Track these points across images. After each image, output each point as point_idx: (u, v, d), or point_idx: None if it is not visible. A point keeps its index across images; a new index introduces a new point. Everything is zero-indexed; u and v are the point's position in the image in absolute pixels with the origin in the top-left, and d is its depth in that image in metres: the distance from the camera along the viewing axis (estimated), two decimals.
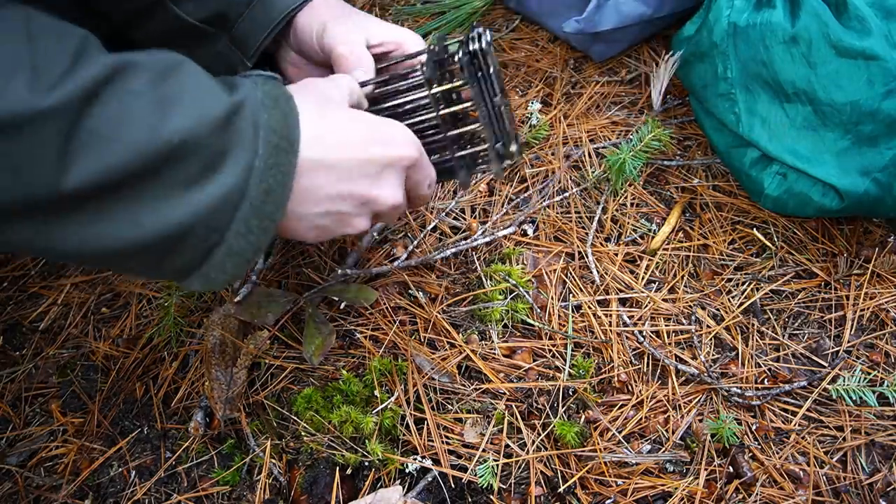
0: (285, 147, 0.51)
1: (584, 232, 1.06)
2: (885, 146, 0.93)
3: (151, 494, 0.88)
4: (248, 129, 0.49)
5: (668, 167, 1.15)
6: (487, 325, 0.96)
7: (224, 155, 0.47)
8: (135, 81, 0.45)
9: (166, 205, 0.46)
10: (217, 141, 0.47)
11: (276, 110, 0.51)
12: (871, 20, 0.92)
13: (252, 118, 0.49)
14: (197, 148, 0.46)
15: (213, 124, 0.47)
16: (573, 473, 0.85)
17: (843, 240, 1.06)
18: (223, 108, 0.48)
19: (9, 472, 0.90)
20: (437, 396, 0.91)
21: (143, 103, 0.44)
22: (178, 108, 0.46)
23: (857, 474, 0.86)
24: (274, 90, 0.53)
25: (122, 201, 0.45)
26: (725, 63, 1.01)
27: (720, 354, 0.96)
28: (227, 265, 0.51)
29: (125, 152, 0.43)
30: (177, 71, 0.48)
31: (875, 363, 0.94)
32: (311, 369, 0.94)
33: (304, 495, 0.85)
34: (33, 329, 1.02)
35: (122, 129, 0.43)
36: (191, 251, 0.49)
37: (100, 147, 0.43)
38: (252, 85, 0.52)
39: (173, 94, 0.46)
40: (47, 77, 0.41)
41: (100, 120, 0.43)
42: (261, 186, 0.49)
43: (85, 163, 0.42)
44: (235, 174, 0.48)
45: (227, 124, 0.48)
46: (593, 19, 1.17)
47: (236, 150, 0.48)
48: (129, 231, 0.46)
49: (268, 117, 0.50)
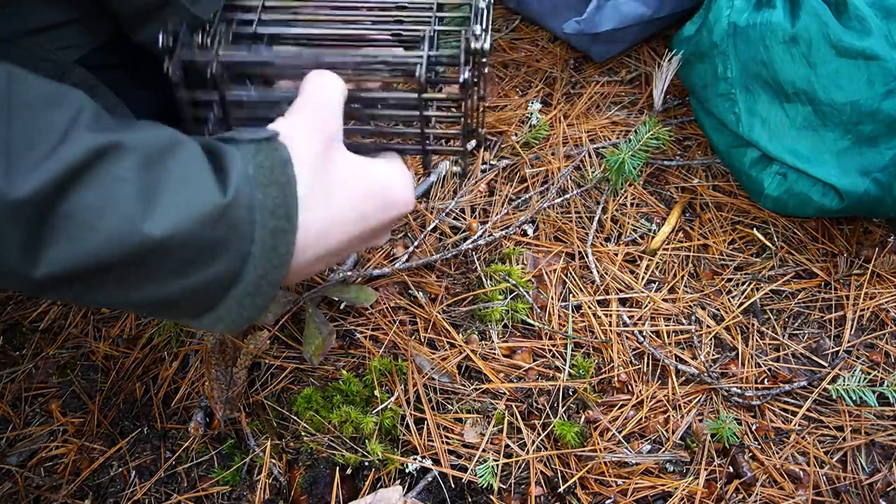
0: (284, 227, 0.48)
1: (584, 232, 1.06)
2: (885, 146, 0.93)
3: (151, 494, 0.88)
4: (242, 219, 0.45)
5: (668, 167, 1.15)
6: (487, 325, 0.96)
7: (215, 248, 0.45)
8: (121, 166, 0.42)
9: (151, 288, 0.44)
10: (208, 235, 0.44)
11: (272, 187, 0.47)
12: (871, 20, 0.92)
13: (247, 205, 0.45)
14: (184, 243, 0.43)
15: (203, 220, 0.43)
16: (573, 473, 0.85)
17: (843, 240, 1.06)
18: (215, 204, 0.44)
19: (9, 472, 0.90)
20: (437, 396, 0.91)
21: (127, 191, 0.41)
22: (165, 201, 0.42)
23: (857, 474, 0.86)
24: (268, 159, 0.48)
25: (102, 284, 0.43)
26: (725, 63, 1.01)
27: (720, 354, 0.96)
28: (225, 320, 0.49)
29: (103, 243, 0.41)
30: (169, 156, 0.45)
31: (875, 363, 0.94)
32: (311, 369, 0.94)
33: (304, 495, 0.85)
34: (33, 329, 1.02)
35: (102, 217, 0.40)
36: (182, 315, 0.49)
37: (76, 235, 0.40)
38: (243, 160, 0.47)
39: (161, 184, 0.43)
40: (22, 162, 0.38)
41: (79, 205, 0.40)
42: (257, 273, 0.47)
43: (58, 252, 0.40)
44: (228, 264, 0.45)
45: (219, 220, 0.44)
46: (593, 20, 1.17)
47: (229, 243, 0.45)
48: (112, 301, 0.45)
49: (263, 197, 0.46)
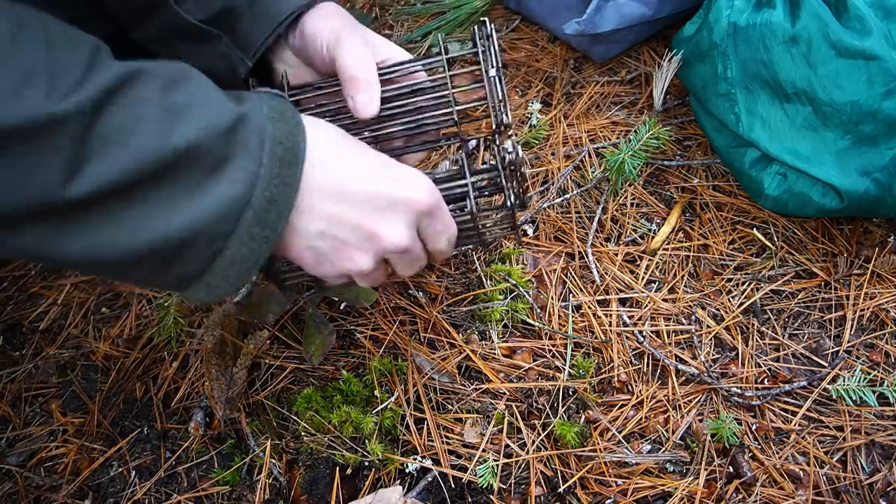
0: (290, 160, 0.51)
1: (584, 232, 1.06)
2: (885, 146, 0.93)
3: (151, 494, 0.88)
4: (253, 138, 0.50)
5: (668, 167, 1.15)
6: (487, 325, 0.96)
7: (229, 162, 0.48)
8: (145, 89, 0.46)
9: (172, 211, 0.47)
10: (223, 148, 0.48)
11: (281, 123, 0.52)
12: (871, 20, 0.92)
13: (258, 129, 0.50)
14: (203, 155, 0.47)
15: (220, 132, 0.48)
16: (573, 473, 0.85)
17: (843, 240, 1.06)
18: (229, 118, 0.49)
19: (9, 472, 0.90)
20: (437, 396, 0.91)
21: (152, 111, 0.45)
22: (186, 116, 0.47)
23: (857, 474, 0.86)
24: (280, 105, 0.53)
25: (129, 207, 0.46)
26: (725, 63, 1.01)
27: (720, 354, 0.96)
28: (229, 273, 0.52)
29: (133, 158, 0.44)
30: (185, 80, 0.49)
31: (875, 363, 0.94)
32: (311, 369, 0.94)
33: (304, 495, 0.85)
34: (33, 329, 1.02)
35: (131, 135, 0.44)
36: (195, 258, 0.50)
37: (109, 153, 0.44)
38: (258, 99, 0.53)
39: (181, 103, 0.47)
40: (62, 84, 0.42)
41: (110, 126, 0.44)
42: (265, 195, 0.50)
43: (94, 168, 0.43)
44: (240, 182, 0.49)
45: (233, 132, 0.49)
46: (593, 21, 1.17)
47: (241, 158, 0.49)
48: (135, 237, 0.47)
49: (273, 129, 0.51)
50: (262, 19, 0.71)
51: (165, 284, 0.52)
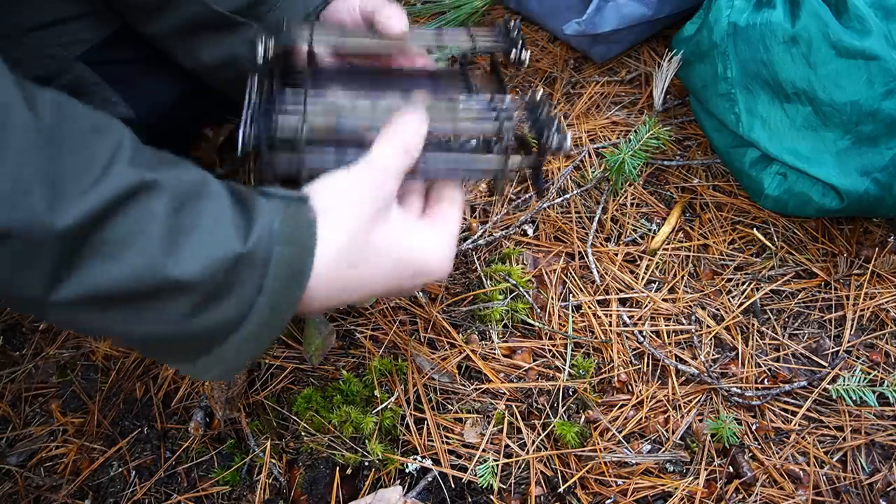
0: (293, 285, 0.50)
1: (584, 232, 1.06)
2: (885, 146, 0.93)
3: (151, 494, 0.88)
4: (256, 270, 0.47)
5: (668, 167, 1.15)
6: (487, 325, 0.96)
7: (227, 292, 0.47)
8: (154, 204, 0.44)
9: (156, 324, 0.46)
10: (220, 282, 0.46)
11: (290, 247, 0.49)
12: (871, 20, 0.92)
13: (264, 257, 0.47)
14: (199, 286, 0.45)
15: (222, 267, 0.46)
16: (573, 473, 0.85)
17: (843, 240, 1.06)
18: (234, 252, 0.46)
19: (9, 472, 0.90)
20: (437, 396, 0.91)
21: (155, 230, 0.43)
22: (188, 244, 0.45)
23: (857, 474, 0.86)
24: (294, 218, 0.49)
25: (113, 314, 0.45)
26: (725, 63, 1.01)
27: (720, 354, 0.96)
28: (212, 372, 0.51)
29: (123, 275, 0.43)
30: (198, 199, 0.47)
31: (875, 363, 0.94)
32: (311, 369, 0.94)
33: (304, 495, 0.85)
34: (33, 329, 1.02)
35: (127, 251, 0.43)
36: (179, 358, 0.51)
37: (101, 264, 0.42)
38: (272, 214, 0.49)
39: (187, 226, 0.45)
40: (68, 193, 0.40)
41: (109, 238, 0.42)
42: (259, 320, 0.49)
43: (82, 277, 0.42)
44: (236, 308, 0.47)
45: (236, 267, 0.46)
46: (594, 21, 1.17)
47: (240, 289, 0.47)
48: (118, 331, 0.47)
49: (281, 251, 0.48)
50: (294, 7, 0.71)
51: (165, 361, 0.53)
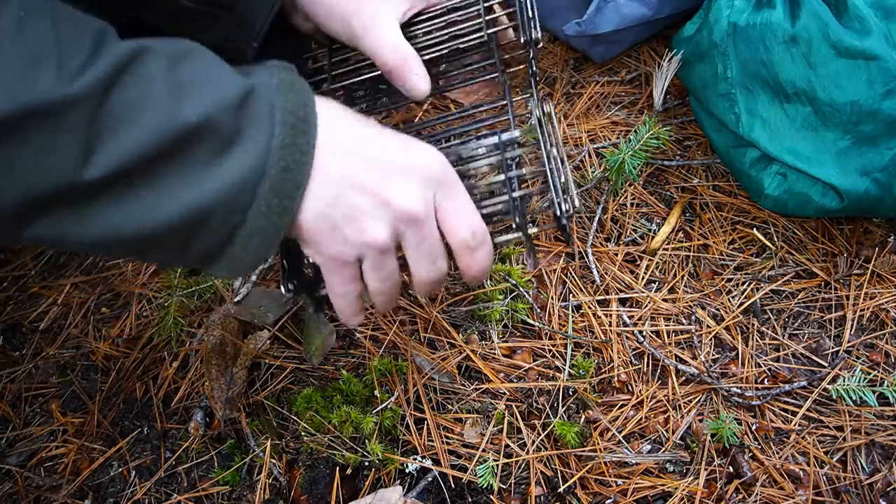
0: (302, 128, 0.51)
1: (584, 232, 1.06)
2: (885, 146, 0.93)
3: (151, 494, 0.88)
4: (263, 110, 0.50)
5: (668, 167, 1.15)
6: (487, 325, 0.96)
7: (241, 135, 0.49)
8: (152, 66, 0.46)
9: (188, 186, 0.47)
10: (234, 121, 0.48)
11: (291, 94, 0.52)
12: (871, 20, 0.92)
13: (267, 100, 0.50)
14: (214, 129, 0.47)
15: (229, 105, 0.48)
16: (573, 473, 0.85)
17: (843, 240, 1.06)
18: (238, 91, 0.49)
19: (9, 472, 0.90)
20: (437, 396, 0.91)
21: (160, 87, 0.46)
22: (194, 92, 0.47)
23: (857, 474, 0.86)
24: (290, 76, 0.54)
25: (144, 185, 0.46)
26: (725, 63, 1.01)
27: (720, 354, 0.96)
28: (250, 246, 0.51)
29: (146, 135, 0.44)
30: (191, 56, 0.49)
31: (875, 363, 0.94)
32: (311, 369, 0.94)
33: (304, 495, 0.85)
34: (33, 329, 1.02)
35: (141, 113, 0.44)
36: (215, 233, 0.50)
37: (122, 131, 0.44)
38: (267, 72, 0.53)
39: (189, 78, 0.47)
40: (72, 64, 0.42)
41: (121, 105, 0.44)
42: (279, 165, 0.50)
43: (108, 148, 0.43)
44: (254, 153, 0.49)
45: (243, 105, 0.49)
46: (594, 21, 1.17)
47: (253, 130, 0.49)
48: (152, 215, 0.47)
49: (283, 100, 0.51)
50: None
51: (187, 262, 0.52)
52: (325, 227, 0.56)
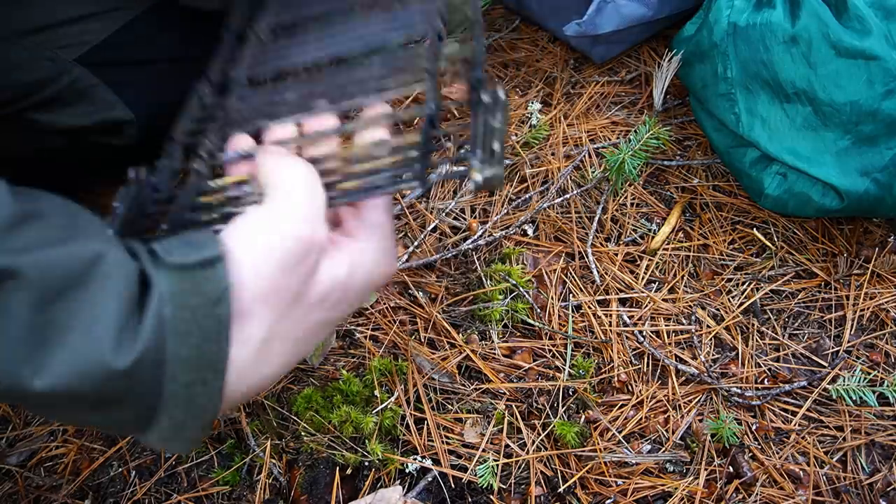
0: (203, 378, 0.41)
1: (584, 232, 1.06)
2: (885, 146, 0.93)
3: (151, 494, 0.88)
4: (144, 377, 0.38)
5: (668, 167, 1.15)
6: (487, 325, 0.96)
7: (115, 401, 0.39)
8: (13, 299, 0.35)
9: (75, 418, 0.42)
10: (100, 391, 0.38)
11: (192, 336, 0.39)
12: (871, 20, 0.93)
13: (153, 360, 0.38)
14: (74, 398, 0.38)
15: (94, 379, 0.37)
16: (573, 473, 0.85)
17: (843, 240, 1.06)
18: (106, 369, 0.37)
19: (9, 472, 0.90)
20: (437, 396, 0.91)
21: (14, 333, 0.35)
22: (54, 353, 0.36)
23: (857, 474, 0.86)
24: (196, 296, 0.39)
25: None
26: (725, 63, 1.01)
27: (720, 354, 0.96)
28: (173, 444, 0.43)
29: None
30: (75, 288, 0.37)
31: (875, 363, 0.94)
32: (311, 369, 0.94)
33: (304, 495, 0.85)
34: None
35: None
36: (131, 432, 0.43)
37: None
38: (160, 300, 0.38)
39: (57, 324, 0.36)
40: None
41: None
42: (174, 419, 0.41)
43: None
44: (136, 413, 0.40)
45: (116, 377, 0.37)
46: (594, 22, 1.17)
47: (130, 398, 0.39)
48: None
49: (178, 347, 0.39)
50: None
51: None
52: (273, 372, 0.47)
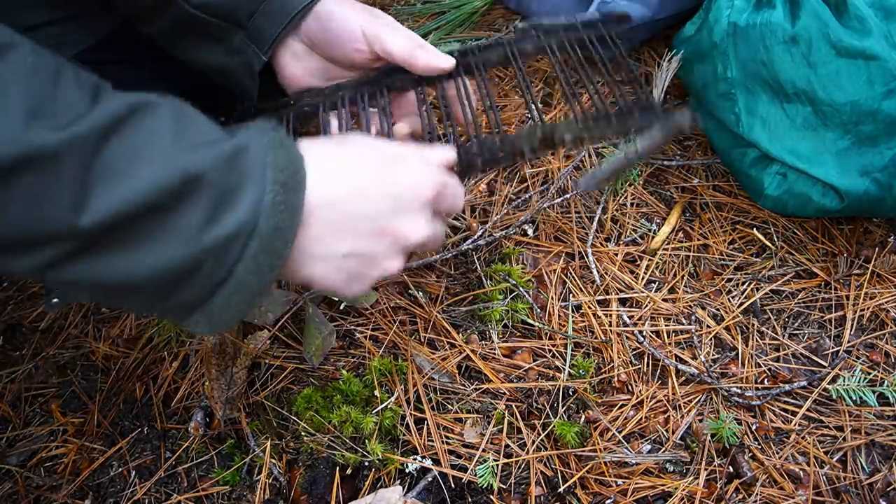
0: (293, 185, 0.51)
1: (584, 232, 1.06)
2: (885, 146, 0.93)
3: (151, 494, 0.88)
4: (255, 167, 0.50)
5: (668, 167, 1.15)
6: (487, 325, 0.96)
7: (234, 192, 0.49)
8: (150, 119, 0.47)
9: (179, 240, 0.47)
10: (227, 178, 0.48)
11: (281, 150, 0.52)
12: (871, 20, 0.92)
13: (259, 158, 0.50)
14: (208, 185, 0.47)
15: (223, 162, 0.48)
16: (573, 473, 0.85)
17: (843, 240, 1.06)
18: (231, 148, 0.49)
19: (9, 472, 0.90)
20: (437, 396, 0.91)
21: (157, 140, 0.46)
22: (191, 146, 0.47)
23: (857, 474, 0.86)
24: (278, 135, 0.54)
25: (135, 237, 0.46)
26: (725, 63, 1.01)
27: (720, 354, 0.96)
28: (231, 301, 0.51)
29: (141, 187, 0.44)
30: (188, 115, 0.50)
31: (875, 363, 0.94)
32: (311, 369, 0.94)
33: (304, 495, 0.85)
34: (33, 329, 1.02)
35: (138, 164, 0.45)
36: (197, 287, 0.50)
37: (117, 182, 0.44)
38: (257, 130, 0.53)
39: (185, 134, 0.48)
40: (69, 114, 0.43)
41: (117, 156, 0.44)
42: (270, 223, 0.50)
43: (102, 198, 0.43)
44: (246, 211, 0.49)
45: (236, 162, 0.49)
46: None
47: (245, 186, 0.49)
48: (138, 267, 0.47)
49: (273, 158, 0.51)
50: (276, 11, 0.72)
51: (165, 313, 0.52)
52: (340, 278, 0.58)
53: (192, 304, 0.51)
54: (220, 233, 0.48)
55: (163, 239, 0.46)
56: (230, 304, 0.51)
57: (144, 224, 0.45)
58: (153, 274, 0.47)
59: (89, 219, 0.43)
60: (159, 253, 0.47)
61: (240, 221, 0.48)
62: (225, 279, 0.50)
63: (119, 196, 0.44)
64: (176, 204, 0.46)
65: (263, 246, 0.50)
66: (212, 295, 0.51)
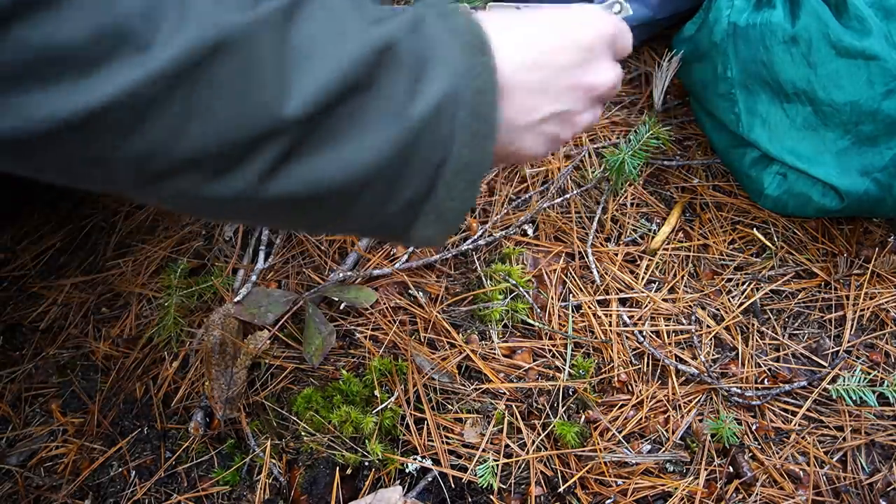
0: (479, 46, 0.48)
1: (584, 232, 1.06)
2: (885, 146, 0.93)
3: (151, 494, 0.88)
4: (436, 34, 0.47)
5: (668, 167, 1.15)
6: (487, 325, 0.96)
7: (427, 61, 0.46)
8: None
9: (388, 120, 0.44)
10: (417, 46, 0.46)
11: (456, 16, 0.49)
12: (871, 20, 0.92)
13: (437, 25, 0.48)
14: (403, 53, 0.45)
15: (408, 31, 0.46)
16: (573, 473, 0.85)
17: (843, 240, 1.06)
18: (410, 17, 0.47)
19: (9, 472, 0.90)
20: (437, 396, 0.91)
21: (340, 17, 0.44)
22: (374, 19, 0.45)
23: (857, 474, 0.86)
24: (445, 6, 0.51)
25: (346, 121, 0.43)
26: (725, 63, 1.01)
27: (720, 354, 0.96)
28: (457, 185, 0.48)
29: (338, 66, 0.42)
30: None
31: (875, 363, 0.94)
32: (311, 369, 0.94)
33: (304, 495, 0.85)
34: (33, 329, 1.02)
35: (329, 43, 0.42)
36: (419, 173, 0.47)
37: (312, 64, 0.41)
38: (422, 5, 0.51)
39: (363, 9, 0.46)
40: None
41: (303, 36, 0.42)
42: (472, 86, 0.47)
43: (303, 82, 0.41)
44: (443, 78, 0.46)
45: (419, 30, 0.46)
46: None
47: (435, 55, 0.47)
48: (360, 155, 0.44)
49: (452, 23, 0.49)
50: None
51: (390, 222, 0.49)
52: (542, 143, 0.56)
53: (416, 199, 0.48)
54: (426, 105, 0.45)
55: (373, 119, 0.44)
56: (455, 192, 0.48)
57: (350, 105, 0.43)
58: (374, 165, 0.44)
59: (296, 105, 0.40)
60: (374, 136, 0.44)
61: (441, 91, 0.46)
62: (444, 159, 0.47)
63: (318, 78, 0.41)
64: (376, 78, 0.44)
65: (471, 113, 0.47)
66: (434, 181, 0.48)
